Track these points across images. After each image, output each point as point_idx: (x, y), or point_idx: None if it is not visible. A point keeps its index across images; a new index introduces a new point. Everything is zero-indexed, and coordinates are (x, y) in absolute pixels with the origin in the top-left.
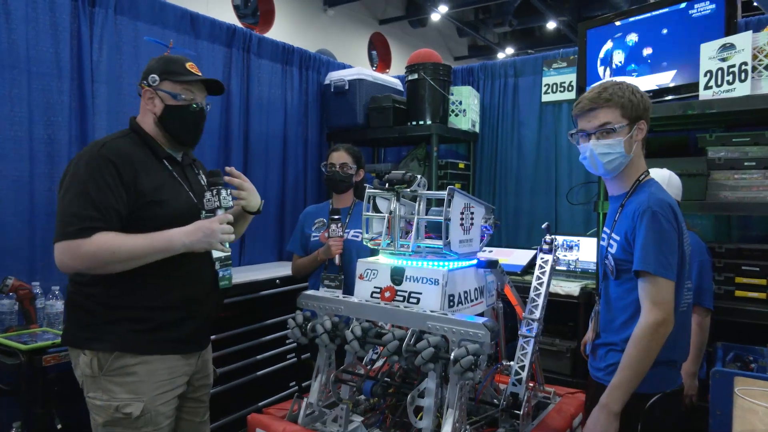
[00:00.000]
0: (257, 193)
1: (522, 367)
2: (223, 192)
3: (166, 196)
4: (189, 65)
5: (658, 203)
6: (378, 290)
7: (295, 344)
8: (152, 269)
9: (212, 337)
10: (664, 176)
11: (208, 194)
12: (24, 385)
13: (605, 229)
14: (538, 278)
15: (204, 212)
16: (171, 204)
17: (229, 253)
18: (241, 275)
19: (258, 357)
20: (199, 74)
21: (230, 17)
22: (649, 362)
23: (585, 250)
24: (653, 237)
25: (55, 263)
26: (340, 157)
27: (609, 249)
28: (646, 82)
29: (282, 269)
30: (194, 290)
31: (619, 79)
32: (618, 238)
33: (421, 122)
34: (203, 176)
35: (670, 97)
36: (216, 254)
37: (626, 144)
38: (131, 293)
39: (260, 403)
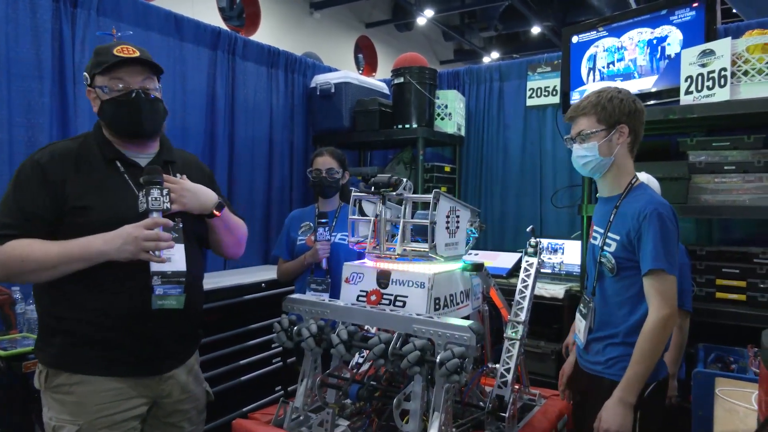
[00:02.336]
0: (200, 193)
1: (507, 370)
2: (154, 192)
3: (92, 202)
4: (118, 49)
5: (662, 206)
6: (364, 294)
7: (280, 348)
8: (85, 279)
9: None
10: (641, 179)
11: (140, 195)
12: (3, 392)
13: (597, 228)
14: (524, 281)
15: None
16: (96, 210)
17: (181, 269)
18: (227, 279)
19: (243, 361)
20: (127, 55)
21: (215, 20)
22: (659, 355)
23: (570, 253)
24: (662, 237)
25: None
26: (325, 162)
27: (606, 248)
28: (629, 87)
29: (268, 273)
30: (132, 306)
31: (608, 84)
32: (617, 237)
33: (407, 126)
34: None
35: (651, 102)
36: (155, 267)
37: (604, 147)
38: (66, 304)
39: (245, 408)
